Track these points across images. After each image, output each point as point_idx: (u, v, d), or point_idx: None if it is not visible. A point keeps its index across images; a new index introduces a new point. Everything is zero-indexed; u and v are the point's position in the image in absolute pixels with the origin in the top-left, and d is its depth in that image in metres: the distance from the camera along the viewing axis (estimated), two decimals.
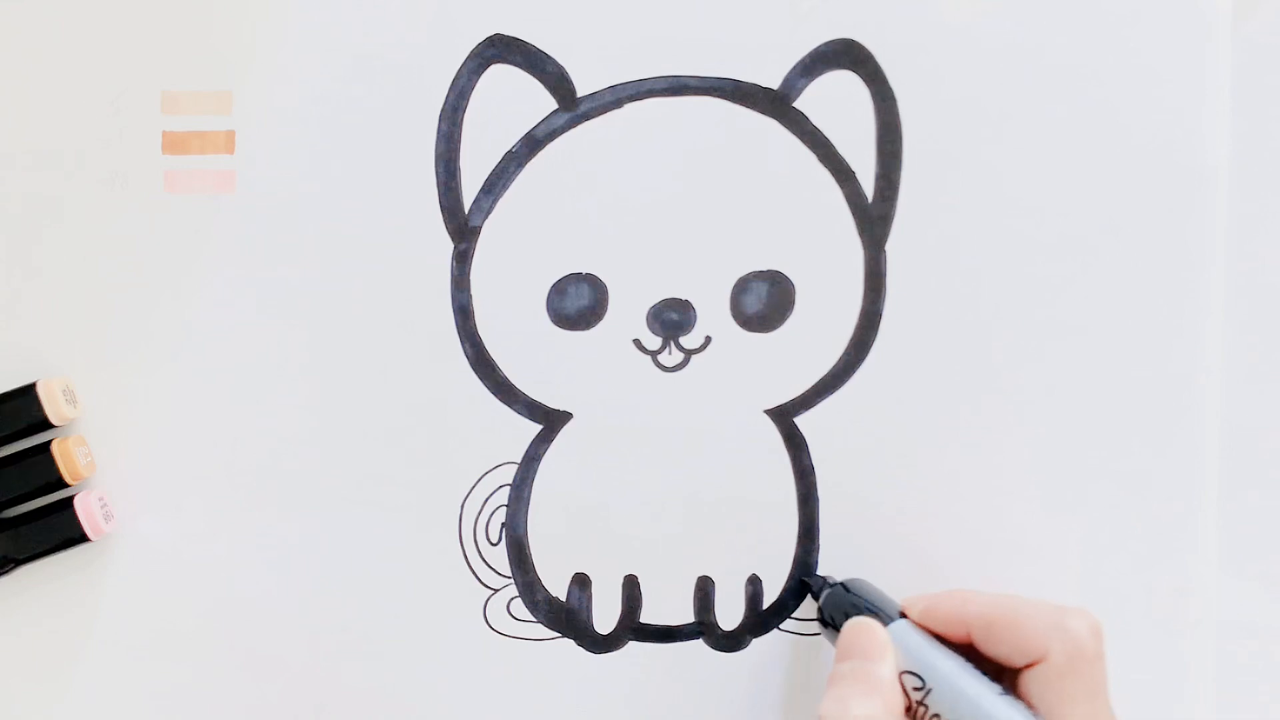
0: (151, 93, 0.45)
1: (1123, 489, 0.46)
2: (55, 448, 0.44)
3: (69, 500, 0.44)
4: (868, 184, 0.45)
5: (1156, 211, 0.45)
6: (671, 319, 0.45)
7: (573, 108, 0.45)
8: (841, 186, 0.45)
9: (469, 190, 0.45)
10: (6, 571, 0.44)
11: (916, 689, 0.38)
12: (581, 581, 0.46)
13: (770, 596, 0.46)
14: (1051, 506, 0.46)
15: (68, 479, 0.44)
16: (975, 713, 0.37)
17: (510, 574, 0.46)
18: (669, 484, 0.45)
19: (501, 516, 0.45)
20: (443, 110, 0.45)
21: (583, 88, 0.45)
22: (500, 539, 0.46)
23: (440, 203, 0.45)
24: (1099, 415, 0.46)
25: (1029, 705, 0.38)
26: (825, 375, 0.46)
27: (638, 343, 0.46)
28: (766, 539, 0.46)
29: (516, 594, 0.46)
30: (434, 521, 0.45)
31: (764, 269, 0.45)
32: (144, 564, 0.45)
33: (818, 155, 0.45)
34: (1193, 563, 0.46)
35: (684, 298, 0.45)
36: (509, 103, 0.45)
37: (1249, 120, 0.46)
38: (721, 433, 0.46)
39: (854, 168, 0.45)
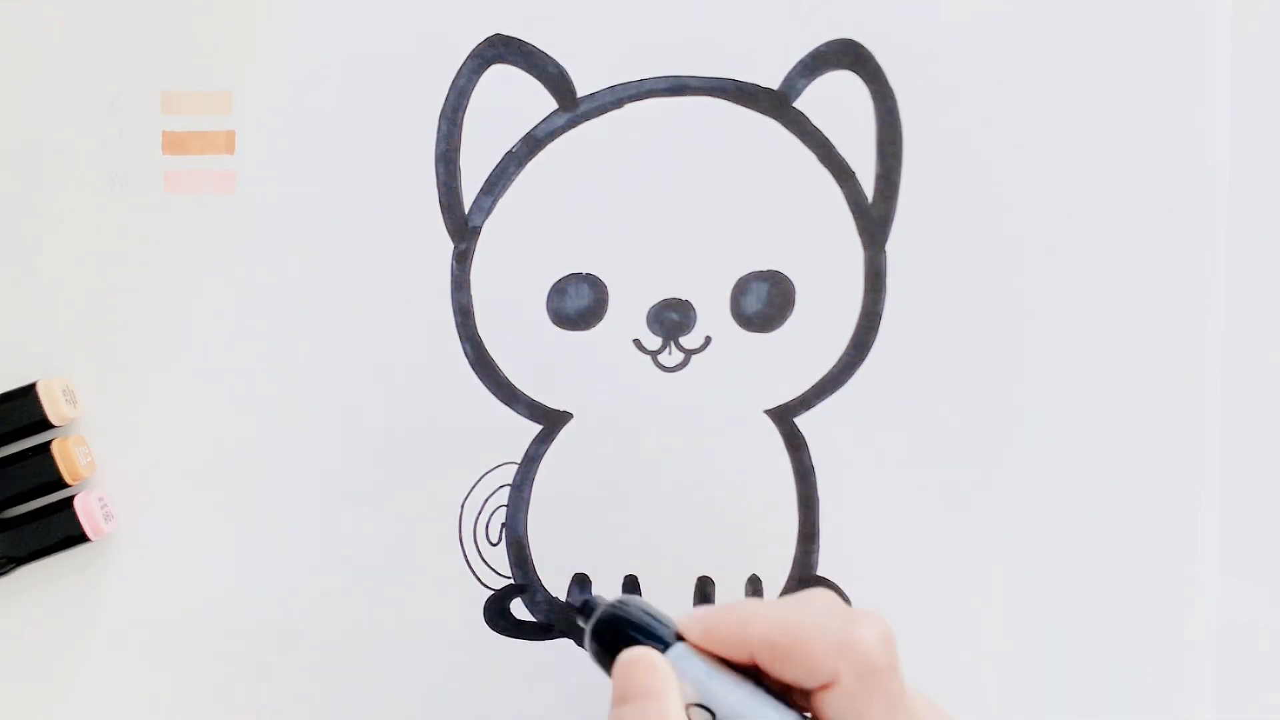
0: (151, 93, 0.45)
1: (1123, 489, 0.46)
2: (55, 448, 0.44)
3: (69, 500, 0.44)
4: (868, 184, 0.45)
5: (1157, 211, 0.45)
6: (671, 319, 0.45)
7: (573, 108, 0.45)
8: (841, 186, 0.45)
9: (469, 190, 0.45)
10: (6, 571, 0.44)
11: None
12: (581, 581, 0.46)
13: (770, 597, 0.46)
14: (1051, 506, 0.46)
15: (68, 479, 0.44)
16: None
17: (510, 574, 0.46)
18: (669, 484, 0.45)
19: (501, 516, 0.45)
20: (443, 110, 0.45)
21: (583, 88, 0.45)
22: (500, 539, 0.46)
23: (440, 203, 0.45)
24: (1099, 415, 0.46)
25: None
26: (825, 375, 0.46)
27: (638, 343, 0.46)
28: (766, 539, 0.45)
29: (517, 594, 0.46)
30: (434, 521, 0.45)
31: (764, 269, 0.45)
32: (144, 564, 0.45)
33: (818, 155, 0.45)
34: (1193, 563, 0.46)
35: (684, 298, 0.45)
36: (509, 103, 0.45)
37: (1249, 120, 0.46)
38: (721, 433, 0.46)
39: (854, 168, 0.45)
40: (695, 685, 0.34)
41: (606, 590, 0.45)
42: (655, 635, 0.36)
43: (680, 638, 0.36)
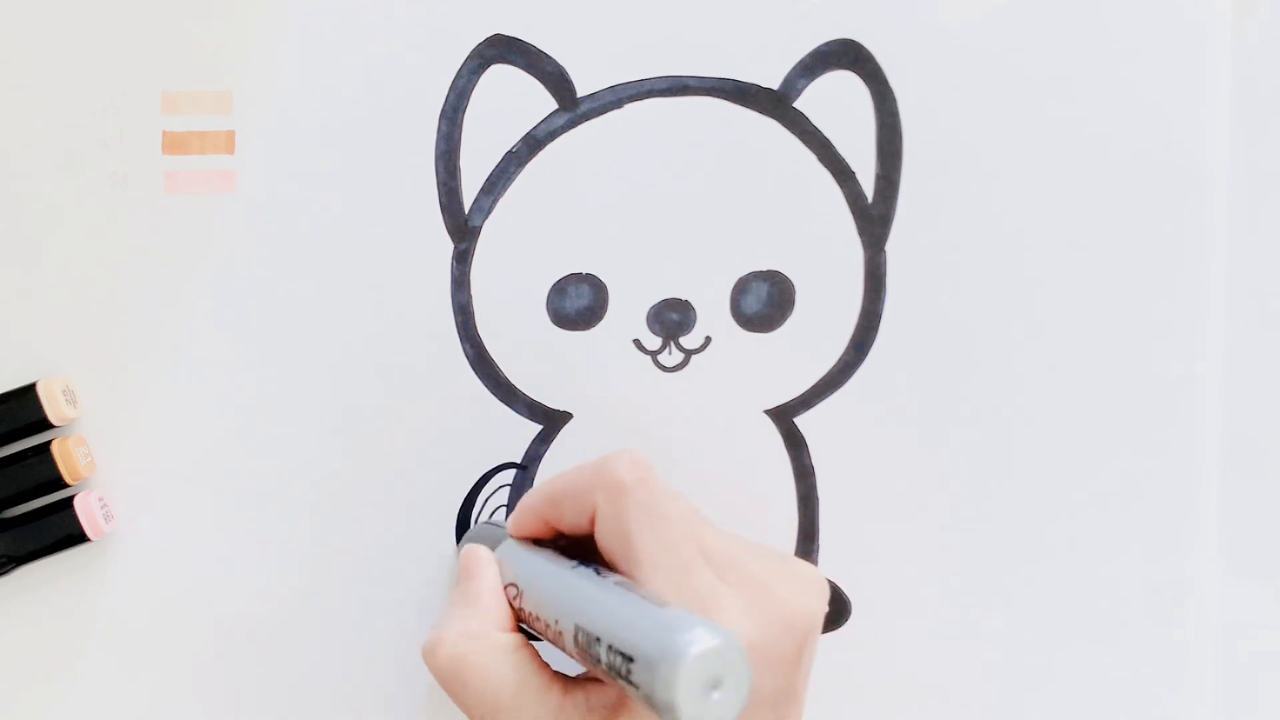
0: (151, 93, 0.45)
1: (1123, 489, 0.46)
2: (55, 448, 0.44)
3: (69, 500, 0.44)
4: (868, 184, 0.45)
5: (1157, 211, 0.45)
6: (671, 319, 0.45)
7: (573, 108, 0.45)
8: (841, 186, 0.45)
9: (469, 190, 0.45)
10: (6, 571, 0.44)
11: (515, 598, 0.39)
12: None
13: None
14: (1051, 506, 0.46)
15: (68, 479, 0.44)
16: (548, 595, 0.37)
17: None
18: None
19: (501, 517, 0.45)
20: (443, 110, 0.45)
21: (583, 88, 0.45)
22: None
23: (440, 203, 0.45)
24: (1099, 414, 0.46)
25: (606, 563, 0.37)
26: (825, 375, 0.46)
27: (638, 343, 0.46)
28: (766, 538, 0.45)
29: None
30: (434, 521, 0.45)
31: (764, 269, 0.45)
32: (144, 564, 0.45)
33: (818, 155, 0.45)
34: (1193, 562, 0.46)
35: (684, 298, 0.45)
36: (509, 103, 0.45)
37: (1249, 120, 0.46)
38: (721, 433, 0.46)
39: (854, 168, 0.45)
40: (509, 566, 0.40)
41: None
42: (497, 537, 0.42)
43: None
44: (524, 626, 0.39)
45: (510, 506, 0.45)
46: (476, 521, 0.45)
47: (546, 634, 0.37)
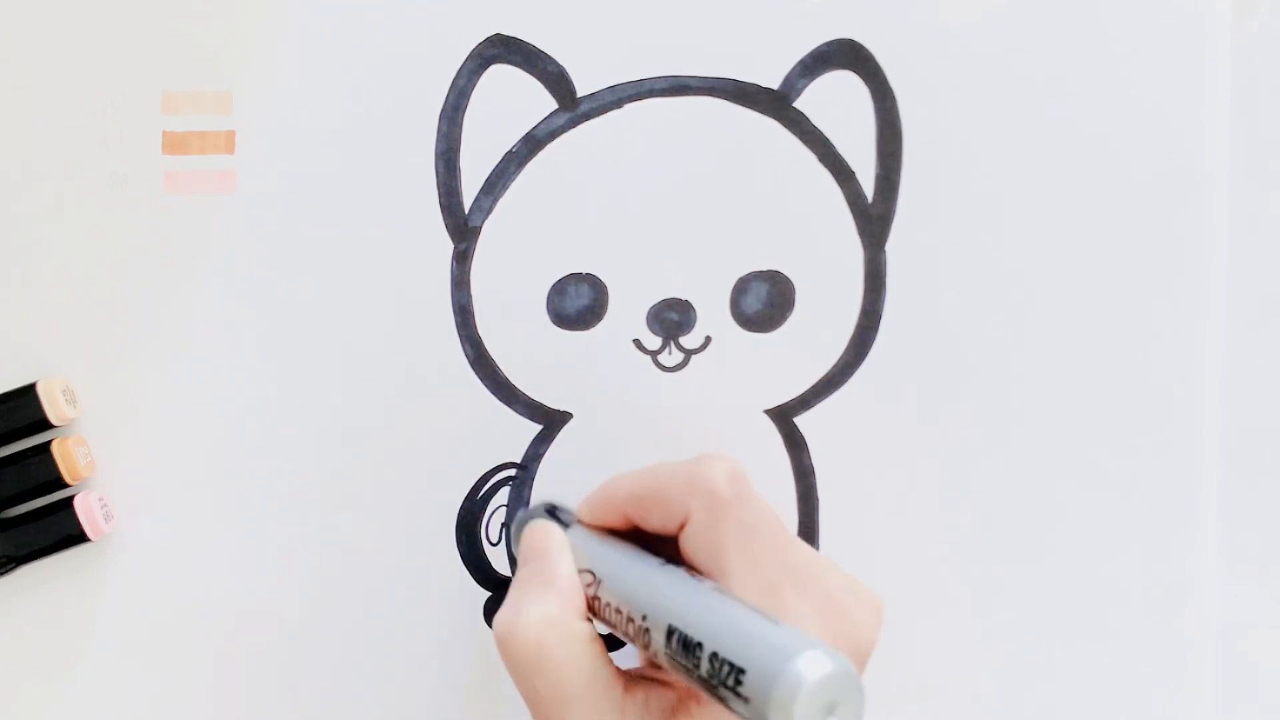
0: (151, 93, 0.45)
1: (1123, 488, 0.46)
2: (55, 448, 0.44)
3: (69, 500, 0.44)
4: (868, 184, 0.45)
5: (1157, 211, 0.45)
6: (671, 319, 0.45)
7: (573, 108, 0.45)
8: (841, 186, 0.45)
9: (469, 190, 0.45)
10: (6, 571, 0.44)
11: (589, 585, 0.38)
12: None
13: None
14: (1051, 505, 0.46)
15: (68, 479, 0.44)
16: (636, 591, 0.36)
17: (510, 574, 0.46)
18: None
19: (501, 516, 0.45)
20: (443, 110, 0.45)
21: (583, 88, 0.45)
22: (500, 539, 0.46)
23: (440, 203, 0.45)
24: (1099, 414, 0.46)
25: (691, 567, 0.37)
26: (825, 375, 0.46)
27: (638, 343, 0.46)
28: None
29: None
30: (434, 521, 0.45)
31: (764, 269, 0.45)
32: (144, 564, 0.45)
33: (818, 155, 0.45)
34: (1193, 562, 0.46)
35: (684, 298, 0.45)
36: (509, 103, 0.45)
37: (1249, 120, 0.46)
38: (721, 433, 0.46)
39: (854, 168, 0.45)
40: (584, 554, 0.38)
41: None
42: (560, 521, 0.40)
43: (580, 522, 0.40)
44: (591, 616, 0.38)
45: (510, 506, 0.45)
46: (486, 524, 0.45)
47: (623, 627, 0.36)
